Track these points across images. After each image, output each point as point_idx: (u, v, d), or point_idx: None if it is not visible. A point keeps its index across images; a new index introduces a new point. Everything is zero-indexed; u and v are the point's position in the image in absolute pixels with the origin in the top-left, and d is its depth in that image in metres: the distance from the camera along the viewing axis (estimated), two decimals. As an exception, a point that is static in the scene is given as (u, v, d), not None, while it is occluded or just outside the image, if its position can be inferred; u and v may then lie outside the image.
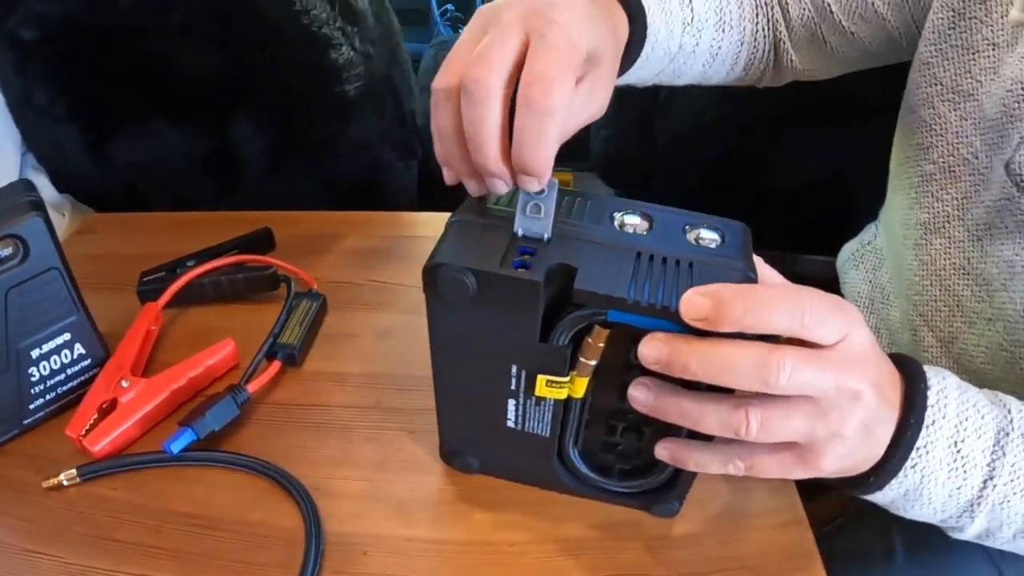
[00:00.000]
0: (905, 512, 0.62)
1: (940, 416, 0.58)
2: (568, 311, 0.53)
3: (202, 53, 1.09)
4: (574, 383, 0.58)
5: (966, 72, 0.76)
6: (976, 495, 0.59)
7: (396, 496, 0.71)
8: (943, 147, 0.79)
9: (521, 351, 0.58)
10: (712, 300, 0.48)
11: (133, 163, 1.19)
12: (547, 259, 0.52)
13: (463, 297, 0.53)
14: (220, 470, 0.73)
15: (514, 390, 0.61)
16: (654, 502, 0.68)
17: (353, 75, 1.17)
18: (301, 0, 1.08)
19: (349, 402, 0.80)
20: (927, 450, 0.57)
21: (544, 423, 0.63)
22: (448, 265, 0.52)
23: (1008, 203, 0.71)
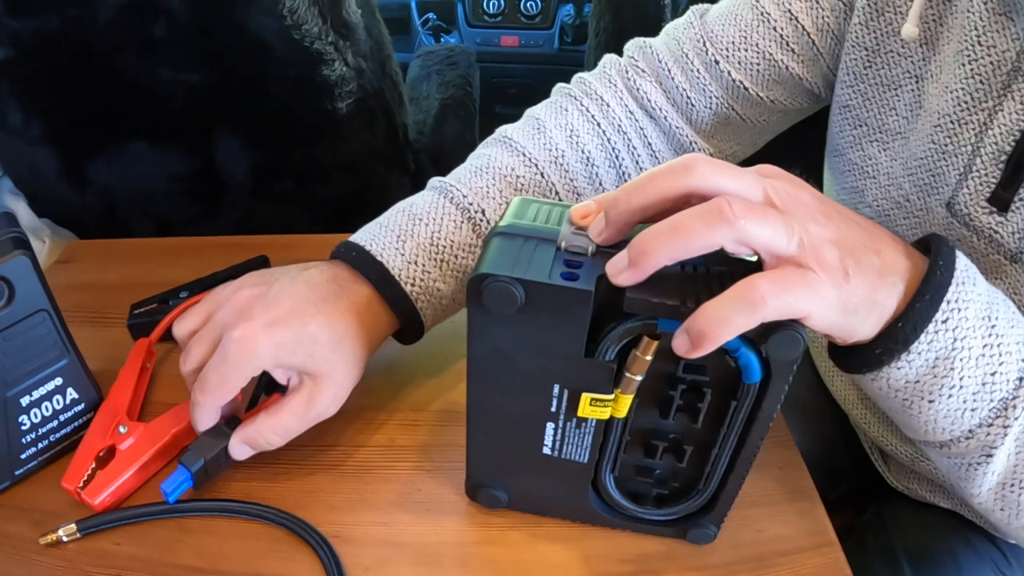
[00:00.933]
0: (931, 404, 0.55)
1: (971, 282, 0.53)
2: (615, 324, 0.53)
3: (184, 70, 1.07)
4: (618, 401, 0.57)
5: (890, 109, 0.74)
6: (1012, 393, 0.54)
7: (420, 539, 0.68)
8: (876, 190, 0.78)
9: (565, 368, 0.56)
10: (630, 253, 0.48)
11: (112, 186, 1.16)
12: (595, 270, 0.51)
13: (510, 308, 0.51)
14: (230, 520, 0.69)
15: (554, 412, 0.60)
16: (690, 528, 0.67)
17: (346, 91, 1.15)
18: (292, 14, 1.04)
19: (361, 441, 0.77)
20: (958, 307, 0.52)
21: (583, 447, 0.62)
22: (496, 276, 0.50)
23: (959, 243, 0.69)
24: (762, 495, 0.73)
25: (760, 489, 0.74)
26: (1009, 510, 0.60)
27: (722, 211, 0.46)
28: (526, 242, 0.54)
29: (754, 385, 0.54)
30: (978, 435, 0.56)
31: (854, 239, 0.51)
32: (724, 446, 0.59)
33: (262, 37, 1.05)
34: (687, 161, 0.49)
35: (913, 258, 0.54)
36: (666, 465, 0.63)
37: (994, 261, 0.68)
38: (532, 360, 0.56)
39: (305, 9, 1.06)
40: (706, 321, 0.47)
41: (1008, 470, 0.57)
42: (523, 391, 0.59)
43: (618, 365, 0.55)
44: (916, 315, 0.51)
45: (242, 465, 0.71)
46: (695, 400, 0.57)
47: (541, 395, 0.58)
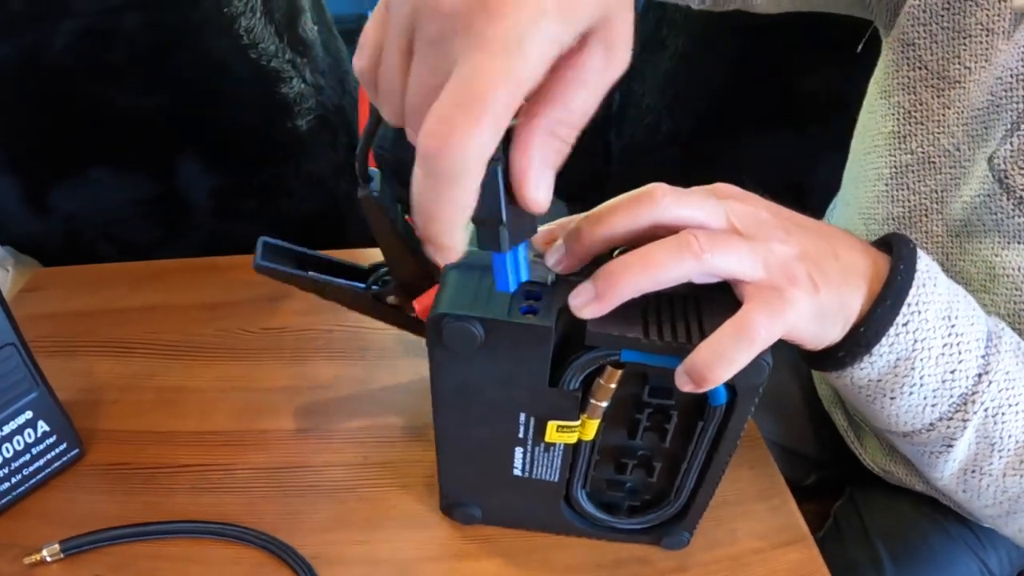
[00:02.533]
0: (893, 401, 0.57)
1: (931, 283, 0.54)
2: (578, 354, 0.52)
3: (144, 93, 1.06)
4: (585, 426, 0.57)
5: (955, 57, 0.72)
6: (971, 389, 0.56)
7: (398, 556, 0.68)
8: (922, 136, 0.76)
9: (530, 398, 0.56)
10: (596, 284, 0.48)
11: (75, 212, 1.15)
12: (555, 302, 0.50)
13: (471, 347, 0.51)
14: (211, 543, 0.69)
15: (522, 438, 0.59)
16: (664, 535, 0.67)
17: (305, 108, 1.14)
18: (248, 34, 1.04)
19: (335, 461, 0.77)
20: (918, 310, 0.53)
21: (553, 468, 0.62)
22: (454, 315, 0.50)
23: (988, 200, 0.69)
24: (734, 495, 0.74)
25: (732, 489, 0.74)
26: (971, 492, 0.63)
27: (690, 245, 0.47)
28: (484, 273, 0.53)
29: (720, 407, 0.54)
30: (939, 428, 0.57)
31: (814, 248, 0.51)
32: (693, 462, 0.60)
33: (220, 58, 1.05)
34: (651, 192, 0.50)
35: (872, 256, 0.55)
36: (637, 479, 0.63)
37: (1018, 224, 0.68)
38: (496, 391, 0.56)
39: (261, 28, 1.06)
40: (707, 361, 0.47)
41: (969, 458, 0.59)
42: (489, 420, 0.58)
43: (583, 391, 0.55)
44: (877, 320, 0.53)
45: (217, 488, 0.72)
46: (662, 421, 0.57)
47: (507, 423, 0.58)
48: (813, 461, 1.15)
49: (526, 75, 0.36)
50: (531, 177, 0.41)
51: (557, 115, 0.40)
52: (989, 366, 0.56)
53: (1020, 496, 0.61)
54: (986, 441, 0.58)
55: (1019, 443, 0.58)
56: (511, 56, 0.36)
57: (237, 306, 0.95)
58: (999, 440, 0.57)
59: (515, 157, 0.40)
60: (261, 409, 0.82)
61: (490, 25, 0.35)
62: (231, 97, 1.10)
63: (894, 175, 0.79)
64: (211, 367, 0.87)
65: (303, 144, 1.18)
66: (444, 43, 0.37)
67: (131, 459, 0.76)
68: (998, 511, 0.63)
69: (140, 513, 0.69)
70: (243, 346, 0.90)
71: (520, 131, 0.40)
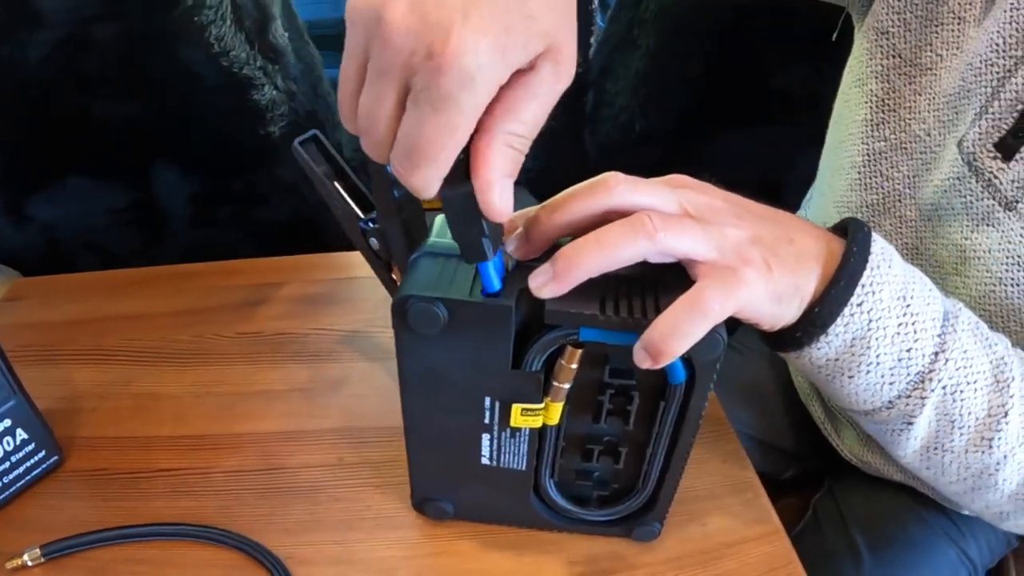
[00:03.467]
0: (851, 379, 0.58)
1: (886, 265, 0.56)
2: (539, 334, 0.53)
3: (119, 103, 1.06)
4: (549, 410, 0.58)
5: (927, 44, 0.74)
6: (927, 367, 0.57)
7: (373, 555, 0.69)
8: (895, 123, 0.77)
9: (494, 381, 0.57)
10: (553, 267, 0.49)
11: (54, 222, 1.15)
12: (515, 284, 0.52)
13: (435, 328, 0.52)
14: (188, 546, 0.69)
15: (488, 423, 0.60)
16: (635, 526, 0.68)
17: (277, 115, 1.14)
18: (219, 42, 1.05)
19: (310, 462, 0.77)
20: (872, 291, 0.54)
21: (520, 455, 0.63)
22: (418, 296, 0.51)
23: (957, 183, 0.70)
24: (706, 489, 0.75)
25: (703, 483, 0.75)
26: (935, 469, 0.63)
27: (643, 225, 0.49)
28: (448, 260, 0.54)
29: (680, 385, 0.55)
30: (898, 405, 0.58)
31: (768, 233, 0.53)
32: (658, 445, 0.61)
33: (192, 67, 1.05)
34: (606, 180, 0.51)
35: (826, 239, 0.56)
36: (604, 467, 0.64)
37: (987, 207, 0.69)
38: (462, 375, 0.57)
39: (232, 36, 1.06)
40: (663, 334, 0.49)
41: (930, 435, 0.60)
42: (456, 405, 0.59)
43: (546, 374, 0.56)
44: (832, 300, 0.54)
45: (193, 491, 0.72)
46: (625, 403, 0.58)
47: (473, 408, 0.59)
48: (791, 454, 1.16)
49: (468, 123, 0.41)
50: (494, 190, 0.44)
51: (511, 127, 0.43)
52: (946, 345, 0.56)
53: (983, 472, 0.61)
54: (946, 419, 0.59)
55: (979, 420, 0.59)
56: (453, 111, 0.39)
57: (212, 312, 0.95)
58: (959, 417, 0.58)
59: (476, 173, 0.43)
60: (236, 413, 0.82)
61: (433, 79, 0.38)
62: (204, 105, 1.10)
63: (867, 163, 0.80)
64: (187, 372, 0.88)
65: (276, 150, 1.18)
66: (388, 74, 0.40)
67: (110, 465, 0.77)
68: (963, 487, 0.64)
69: (119, 518, 0.70)
70: (218, 351, 0.90)
71: (478, 146, 0.43)
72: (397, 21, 0.38)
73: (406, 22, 0.38)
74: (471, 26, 0.38)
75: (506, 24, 0.39)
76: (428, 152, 0.41)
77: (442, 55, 0.37)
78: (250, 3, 1.10)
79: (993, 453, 0.60)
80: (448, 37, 0.37)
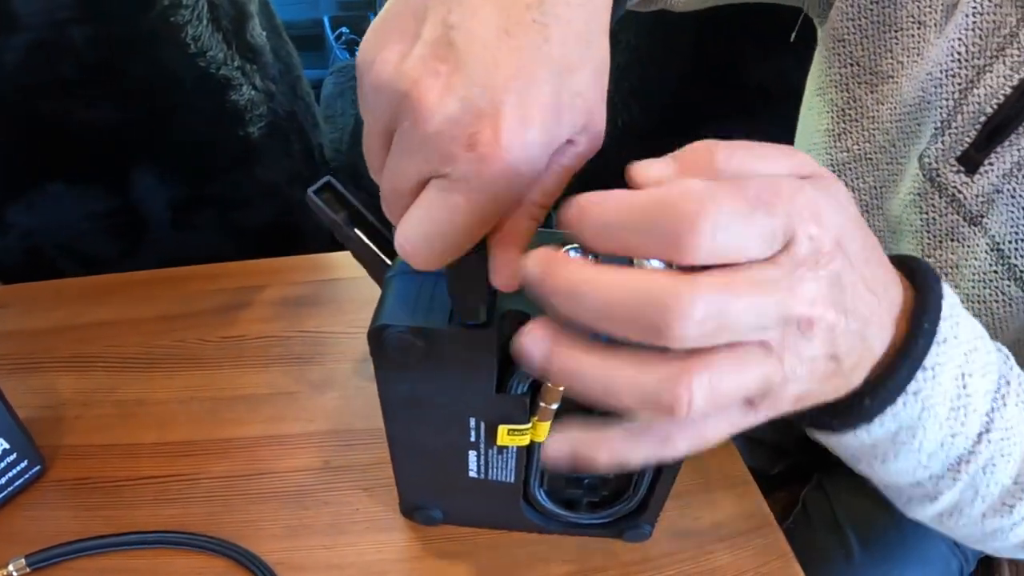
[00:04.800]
0: (881, 463, 0.50)
1: (952, 335, 0.44)
2: None
3: (96, 108, 1.05)
4: (536, 428, 0.56)
5: (887, 51, 0.71)
6: (969, 449, 0.48)
7: (363, 559, 0.68)
8: (857, 133, 0.75)
9: (478, 404, 0.56)
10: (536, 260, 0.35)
11: (34, 228, 1.14)
12: (496, 307, 0.50)
13: (413, 359, 0.50)
14: (176, 554, 0.69)
15: (474, 442, 0.59)
16: (626, 528, 0.68)
17: (256, 115, 1.14)
18: (196, 42, 1.04)
19: (297, 466, 0.77)
20: (934, 373, 0.43)
21: (508, 470, 0.62)
22: (394, 327, 0.49)
23: (918, 198, 0.69)
24: (697, 483, 0.75)
25: (694, 477, 0.75)
26: (945, 528, 0.57)
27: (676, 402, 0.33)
28: (424, 280, 0.52)
29: None
30: (926, 485, 0.51)
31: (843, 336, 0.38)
32: None
33: (169, 69, 1.04)
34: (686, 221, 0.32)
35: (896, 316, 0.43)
36: (594, 475, 0.64)
37: (952, 222, 0.67)
38: (444, 399, 0.55)
39: (208, 36, 1.05)
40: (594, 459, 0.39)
41: (951, 506, 0.53)
42: (439, 426, 0.58)
43: (532, 394, 0.54)
44: (886, 391, 0.43)
45: (180, 498, 0.72)
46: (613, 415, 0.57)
47: (458, 429, 0.58)
48: (780, 449, 1.16)
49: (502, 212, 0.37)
50: (510, 265, 0.39)
51: (538, 200, 0.39)
52: (993, 424, 0.48)
53: (997, 531, 0.56)
54: (971, 490, 0.52)
55: (1004, 488, 0.52)
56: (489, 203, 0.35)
57: (196, 316, 0.95)
58: (984, 488, 0.51)
59: (497, 248, 0.39)
60: (222, 418, 0.82)
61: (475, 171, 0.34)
62: (182, 107, 1.09)
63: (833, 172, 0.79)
64: (172, 378, 0.87)
65: (256, 151, 1.17)
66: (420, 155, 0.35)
67: (94, 473, 0.76)
68: (971, 540, 0.59)
69: (103, 527, 0.69)
70: (203, 356, 0.89)
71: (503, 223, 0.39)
72: (433, 105, 0.33)
73: (444, 108, 0.33)
74: (520, 114, 0.33)
75: (556, 106, 0.35)
76: (451, 241, 0.37)
77: (488, 147, 0.33)
78: (227, 3, 1.09)
79: (1012, 516, 0.54)
80: (495, 128, 0.33)
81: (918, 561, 0.96)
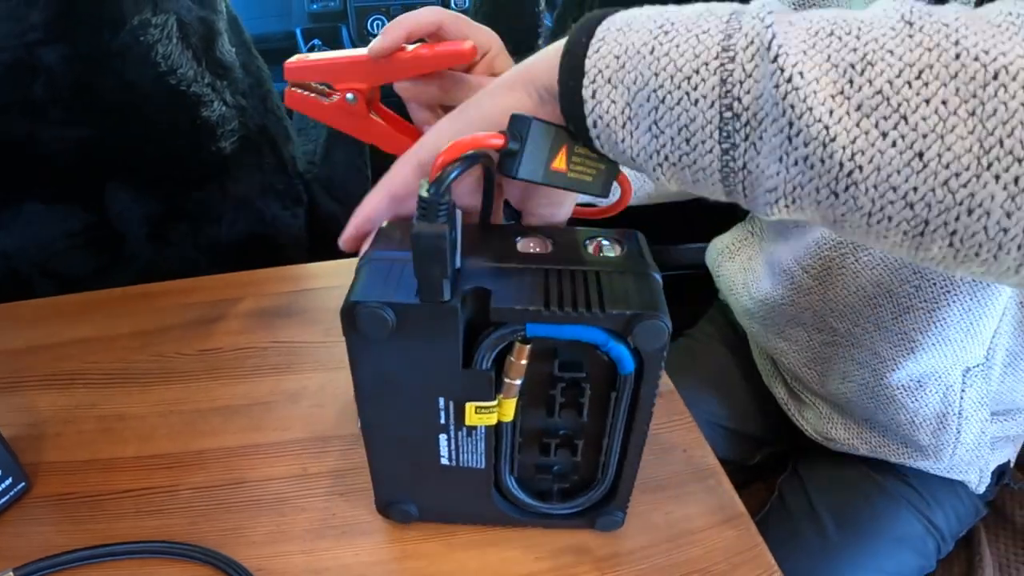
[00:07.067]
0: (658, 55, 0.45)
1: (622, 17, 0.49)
2: (487, 333, 0.54)
3: (69, 127, 1.06)
4: (502, 406, 0.59)
5: None
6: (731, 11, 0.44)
7: (341, 563, 0.69)
8: None
9: (446, 381, 0.58)
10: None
11: (10, 249, 1.14)
12: (461, 285, 0.53)
13: (384, 332, 0.53)
14: (159, 564, 0.70)
15: (444, 424, 0.61)
16: (598, 516, 0.69)
17: (228, 130, 1.14)
18: (166, 60, 1.04)
19: (274, 474, 0.78)
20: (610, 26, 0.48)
21: (478, 454, 0.63)
22: (365, 302, 0.52)
23: None
24: (668, 478, 0.76)
25: (666, 472, 0.76)
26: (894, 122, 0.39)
27: None
28: (394, 264, 0.55)
29: (630, 375, 0.56)
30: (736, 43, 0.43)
31: None
32: (613, 435, 0.61)
33: (140, 87, 1.05)
34: None
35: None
36: (563, 460, 0.65)
37: None
38: (414, 377, 0.57)
39: (179, 54, 1.06)
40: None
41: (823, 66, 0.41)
42: (411, 407, 0.60)
43: (497, 372, 0.57)
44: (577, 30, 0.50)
45: (160, 510, 0.73)
46: (577, 396, 0.59)
47: (429, 409, 0.60)
48: (758, 439, 1.18)
49: None
50: None
51: None
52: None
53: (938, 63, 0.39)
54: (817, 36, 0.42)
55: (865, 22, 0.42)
56: None
57: (172, 330, 0.96)
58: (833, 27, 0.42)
59: None
60: (200, 429, 0.82)
61: None
62: (155, 124, 1.10)
63: None
64: (150, 392, 0.88)
65: (228, 166, 1.18)
66: None
67: (76, 489, 0.77)
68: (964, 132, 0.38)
69: (88, 540, 0.70)
70: (180, 369, 0.90)
71: None
72: None
73: None
74: None
75: None
76: None
77: None
78: (196, 20, 1.10)
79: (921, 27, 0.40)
80: None
81: (892, 540, 0.98)
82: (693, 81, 0.44)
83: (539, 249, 0.57)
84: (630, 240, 0.59)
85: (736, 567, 0.68)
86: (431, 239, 0.47)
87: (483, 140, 0.50)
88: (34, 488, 0.77)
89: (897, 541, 0.98)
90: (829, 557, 0.97)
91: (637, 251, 0.58)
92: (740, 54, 0.42)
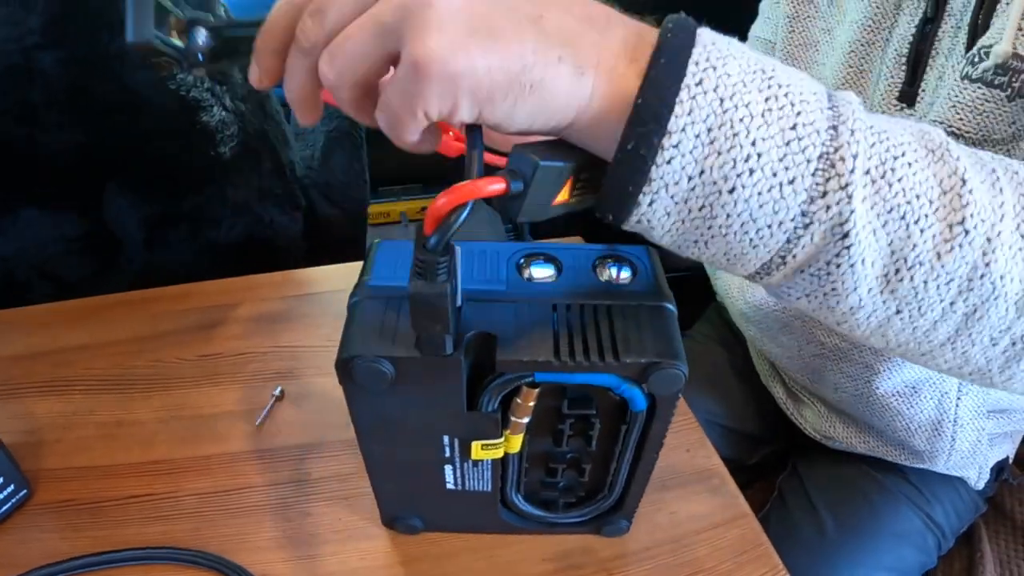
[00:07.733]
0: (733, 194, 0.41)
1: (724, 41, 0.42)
2: (493, 377, 0.52)
3: (66, 130, 1.05)
4: (509, 441, 0.57)
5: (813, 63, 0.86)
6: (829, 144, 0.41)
7: (346, 567, 0.69)
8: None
9: (450, 423, 0.56)
10: None
11: (8, 255, 1.14)
12: (463, 330, 0.50)
13: (382, 385, 0.51)
14: (164, 570, 0.69)
15: (449, 457, 0.60)
16: (603, 524, 0.69)
17: (227, 135, 1.14)
18: (166, 65, 1.04)
19: (278, 479, 0.77)
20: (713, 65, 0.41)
21: (484, 480, 0.63)
22: (362, 356, 0.50)
23: None
24: (673, 478, 0.76)
25: (670, 472, 0.76)
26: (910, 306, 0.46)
27: None
28: (390, 301, 0.52)
29: (641, 412, 0.54)
30: (816, 214, 0.42)
31: None
32: (621, 461, 0.61)
33: (138, 92, 1.05)
34: None
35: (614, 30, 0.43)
36: (569, 479, 0.64)
37: None
38: (416, 419, 0.56)
39: (178, 58, 1.05)
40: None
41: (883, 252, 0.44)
42: (413, 444, 0.58)
43: (503, 410, 0.55)
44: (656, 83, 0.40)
45: (164, 516, 0.73)
46: (586, 428, 0.58)
47: (432, 446, 0.58)
48: (757, 438, 1.18)
49: None
50: None
51: None
52: (841, 115, 0.42)
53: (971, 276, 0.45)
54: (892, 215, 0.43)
55: (933, 201, 0.43)
56: None
57: (171, 336, 0.95)
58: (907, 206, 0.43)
59: None
60: (202, 435, 0.82)
61: None
62: (153, 129, 1.09)
63: None
64: (150, 398, 0.87)
65: (227, 171, 1.17)
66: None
67: (78, 495, 0.76)
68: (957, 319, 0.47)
69: (91, 547, 0.70)
70: (180, 375, 0.90)
71: None
72: None
73: None
74: None
75: None
76: None
77: None
78: (195, 25, 1.09)
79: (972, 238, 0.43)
80: None
81: (892, 536, 0.98)
82: (761, 233, 0.43)
83: (545, 276, 0.55)
84: (642, 261, 0.57)
85: (742, 566, 0.69)
86: (431, 299, 0.44)
87: (482, 189, 0.41)
88: (36, 495, 0.76)
89: (897, 537, 0.98)
90: (829, 554, 0.97)
91: (650, 273, 0.56)
92: (815, 226, 0.43)
